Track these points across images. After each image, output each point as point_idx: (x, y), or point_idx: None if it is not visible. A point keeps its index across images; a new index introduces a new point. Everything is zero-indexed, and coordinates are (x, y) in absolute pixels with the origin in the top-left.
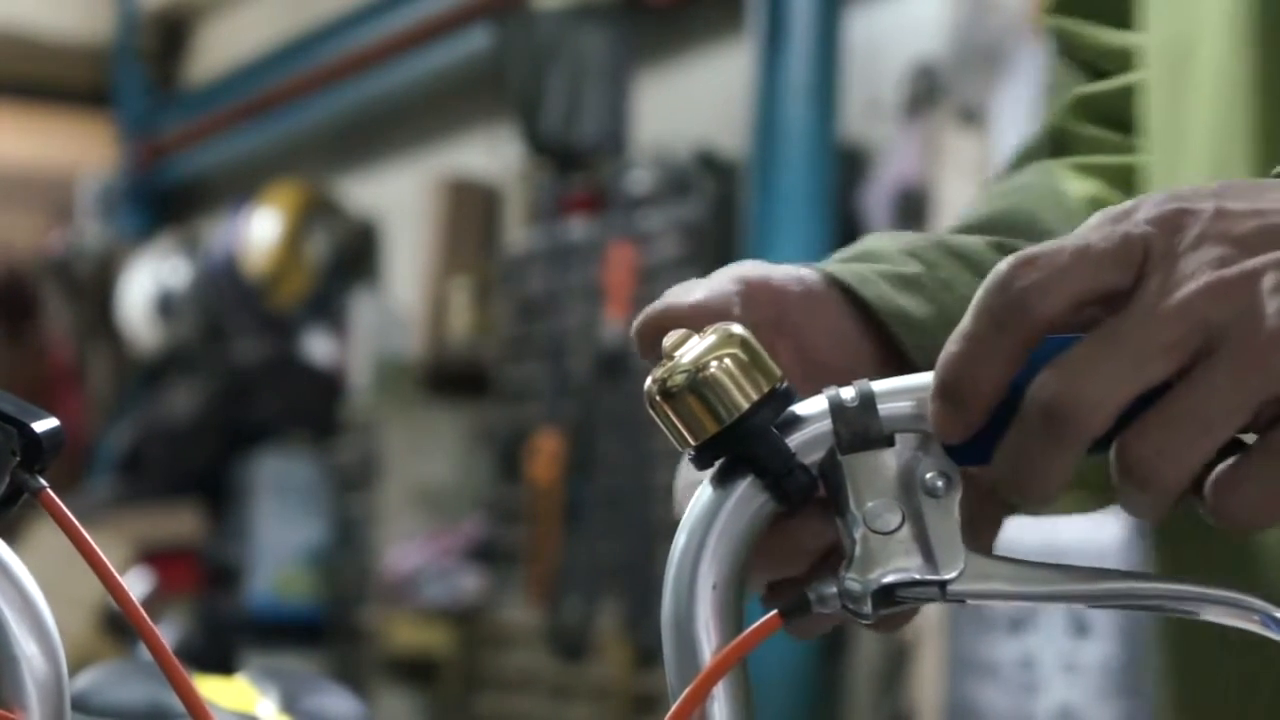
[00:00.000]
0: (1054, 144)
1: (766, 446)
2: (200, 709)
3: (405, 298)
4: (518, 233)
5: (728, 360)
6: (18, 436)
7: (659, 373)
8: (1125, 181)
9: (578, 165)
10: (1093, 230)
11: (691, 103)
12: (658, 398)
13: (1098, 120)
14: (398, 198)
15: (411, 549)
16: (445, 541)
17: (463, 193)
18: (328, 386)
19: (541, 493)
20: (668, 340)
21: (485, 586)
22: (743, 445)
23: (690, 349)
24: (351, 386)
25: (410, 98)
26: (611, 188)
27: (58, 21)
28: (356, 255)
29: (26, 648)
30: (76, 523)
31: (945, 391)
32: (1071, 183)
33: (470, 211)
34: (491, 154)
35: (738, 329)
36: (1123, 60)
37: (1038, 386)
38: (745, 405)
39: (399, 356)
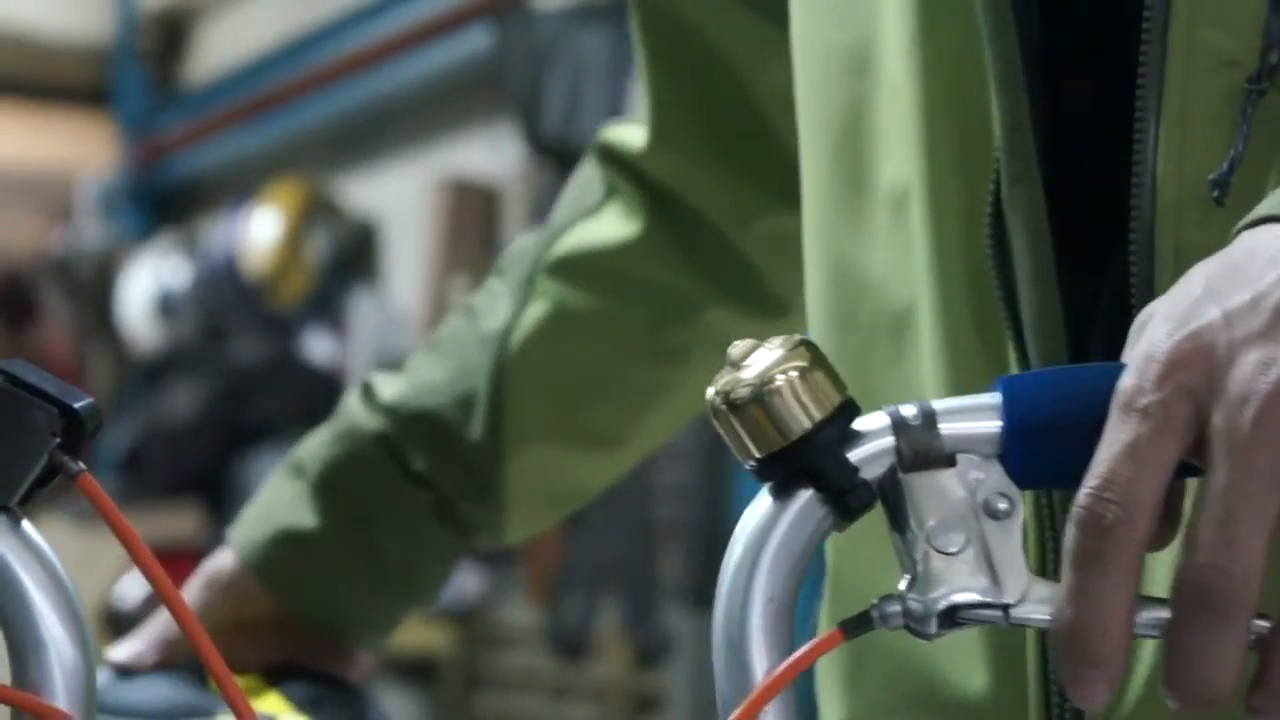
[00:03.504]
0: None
1: (831, 462)
2: (244, 708)
3: (405, 298)
4: (518, 233)
5: (794, 373)
6: (59, 417)
7: (723, 381)
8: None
9: (578, 165)
10: (1122, 424)
11: None
12: (722, 407)
13: (618, 167)
14: (398, 198)
15: None
16: None
17: (463, 193)
18: (328, 386)
19: None
20: (734, 349)
21: (485, 586)
22: (807, 460)
23: (757, 360)
24: (351, 386)
25: (410, 98)
26: None
27: (58, 21)
28: (356, 255)
29: (56, 633)
30: (116, 509)
31: (1082, 658)
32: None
33: (470, 211)
34: (491, 154)
35: (804, 341)
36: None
37: (1182, 582)
38: (811, 422)
39: (399, 356)
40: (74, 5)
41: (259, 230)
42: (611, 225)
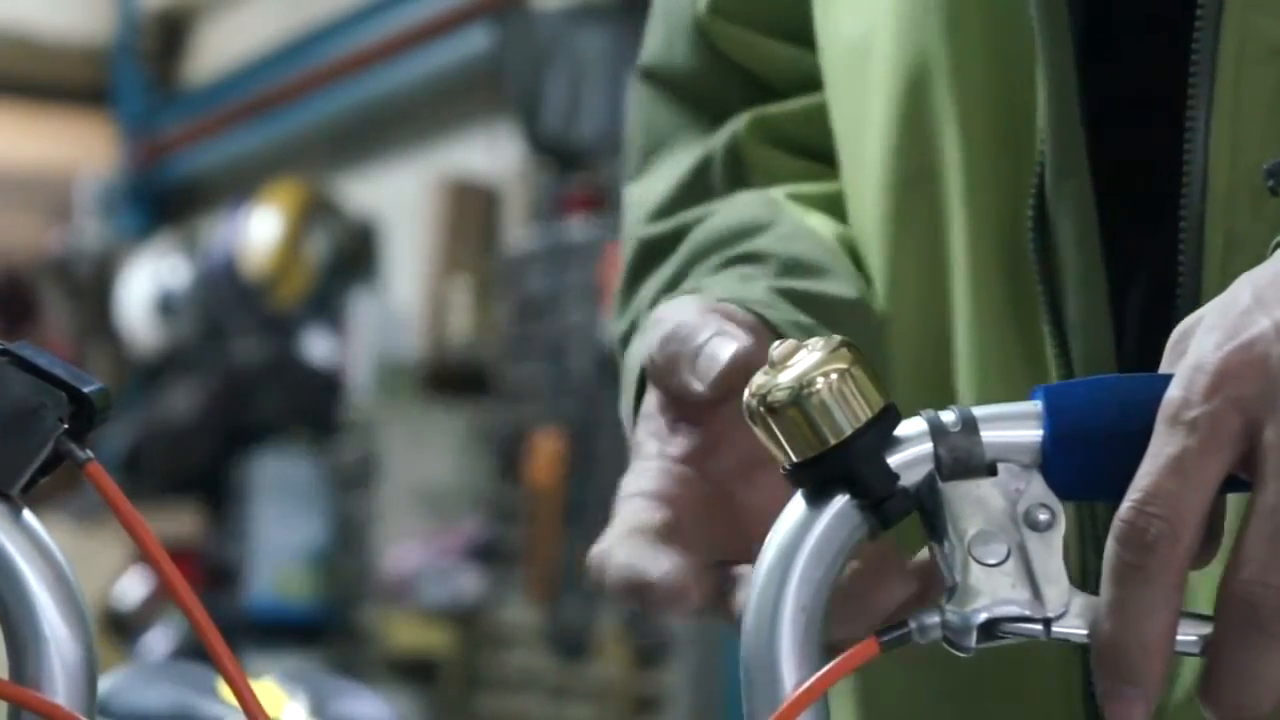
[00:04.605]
0: (731, 164)
1: (870, 469)
2: (259, 712)
3: (405, 298)
4: (518, 233)
5: (835, 377)
6: (67, 402)
7: (760, 383)
8: (839, 211)
9: (578, 165)
10: (1168, 437)
11: None
12: (759, 409)
13: (776, 143)
14: (398, 198)
15: (411, 549)
16: (445, 541)
17: (463, 193)
18: (328, 386)
19: (541, 493)
20: (776, 350)
21: (485, 586)
22: (845, 466)
23: (798, 362)
24: (351, 386)
25: (410, 98)
26: (611, 188)
27: (58, 21)
28: (356, 255)
29: (57, 627)
30: (125, 500)
31: (1121, 676)
32: (810, 219)
33: (470, 211)
34: (491, 154)
35: (846, 343)
36: (795, 77)
37: (1228, 598)
38: (851, 427)
39: (399, 356)
40: (74, 5)
41: (259, 230)
42: None
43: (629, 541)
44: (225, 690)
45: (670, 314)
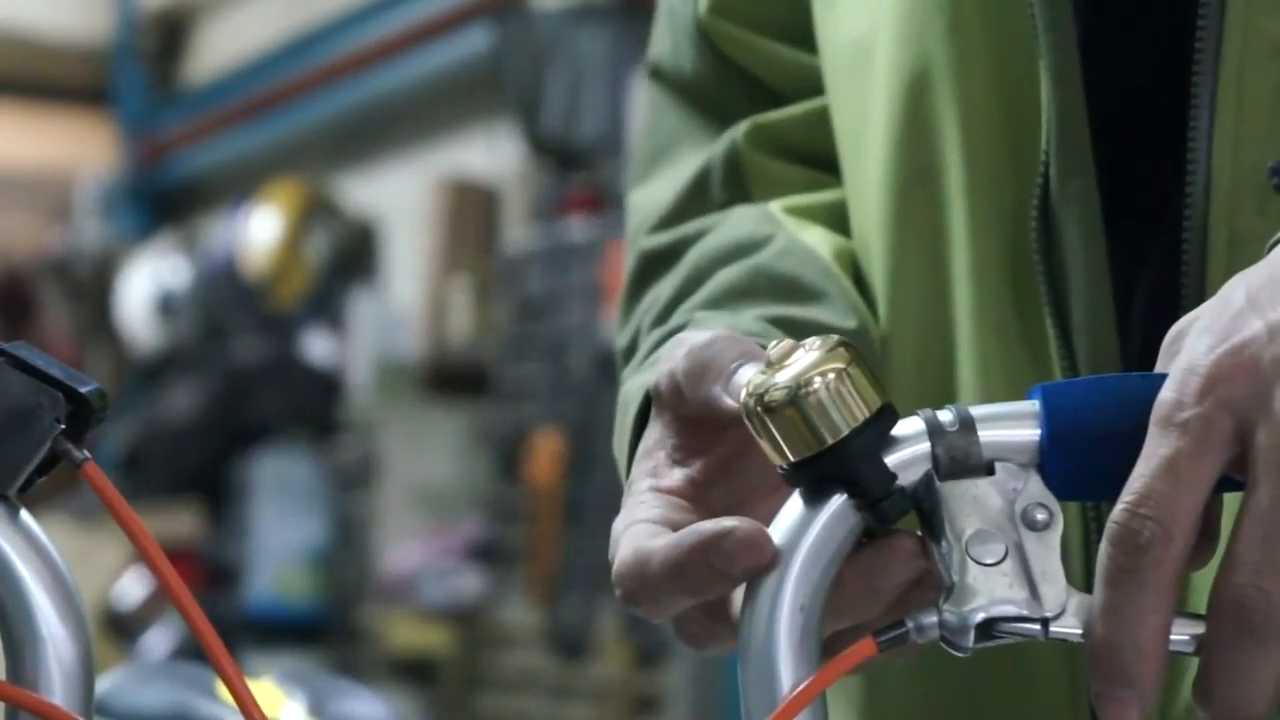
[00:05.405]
0: (730, 174)
1: (868, 468)
2: (256, 711)
3: (405, 298)
4: (518, 233)
5: (833, 377)
6: (64, 402)
7: (757, 382)
8: (839, 222)
9: (578, 165)
10: (1161, 439)
11: None
12: (756, 409)
13: (775, 151)
14: (398, 198)
15: (411, 549)
16: (445, 541)
17: (463, 193)
18: (328, 386)
19: (541, 493)
20: (774, 349)
21: (485, 586)
22: (842, 466)
23: (795, 361)
24: (351, 386)
25: (410, 98)
26: (611, 188)
27: (58, 21)
28: (356, 255)
29: (55, 630)
30: (122, 500)
31: (1114, 678)
32: (807, 234)
33: (470, 211)
34: (491, 154)
35: (844, 343)
36: (798, 81)
37: (1220, 601)
38: (848, 427)
39: (399, 356)
40: (74, 5)
41: (259, 230)
42: None
43: (659, 533)
44: (224, 690)
45: (698, 334)
